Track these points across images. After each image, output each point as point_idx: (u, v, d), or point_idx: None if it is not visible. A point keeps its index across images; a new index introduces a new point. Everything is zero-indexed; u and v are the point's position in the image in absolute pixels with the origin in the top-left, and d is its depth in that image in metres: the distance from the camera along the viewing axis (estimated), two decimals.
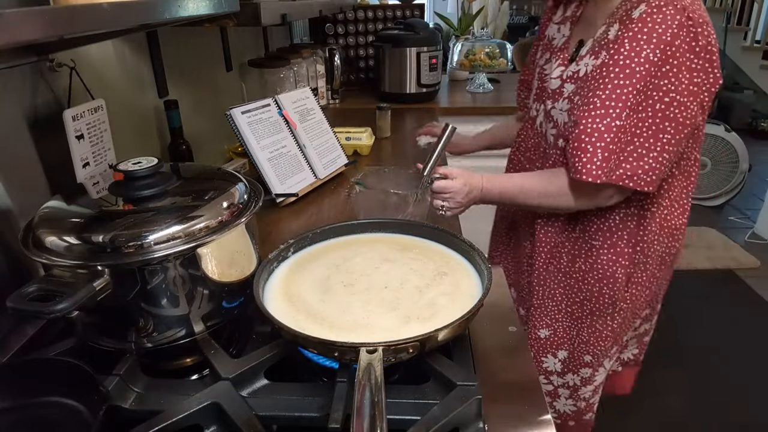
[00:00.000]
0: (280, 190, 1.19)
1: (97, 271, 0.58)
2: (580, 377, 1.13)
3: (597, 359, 1.10)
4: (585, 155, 0.85)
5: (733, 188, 3.53)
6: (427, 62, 2.21)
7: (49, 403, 0.60)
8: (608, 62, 0.85)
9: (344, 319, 0.63)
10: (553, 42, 1.07)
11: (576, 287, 1.06)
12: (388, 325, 0.62)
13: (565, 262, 1.07)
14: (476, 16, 2.77)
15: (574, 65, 0.96)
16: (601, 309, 1.05)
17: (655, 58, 0.81)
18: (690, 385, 2.05)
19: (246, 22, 1.01)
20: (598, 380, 1.14)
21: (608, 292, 1.02)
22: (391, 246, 0.80)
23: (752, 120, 5.08)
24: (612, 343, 1.09)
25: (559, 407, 1.20)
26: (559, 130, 0.98)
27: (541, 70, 1.07)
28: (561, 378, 1.16)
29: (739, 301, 2.60)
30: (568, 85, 0.96)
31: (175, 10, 0.65)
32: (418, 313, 0.64)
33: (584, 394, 1.16)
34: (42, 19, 0.42)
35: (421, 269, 0.73)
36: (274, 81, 1.75)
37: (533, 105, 1.10)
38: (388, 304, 0.66)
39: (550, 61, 1.05)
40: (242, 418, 0.56)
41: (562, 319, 1.10)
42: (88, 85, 0.89)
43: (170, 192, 0.68)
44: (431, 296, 0.67)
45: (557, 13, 1.08)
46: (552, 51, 1.06)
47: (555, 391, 1.18)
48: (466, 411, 0.57)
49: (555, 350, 1.13)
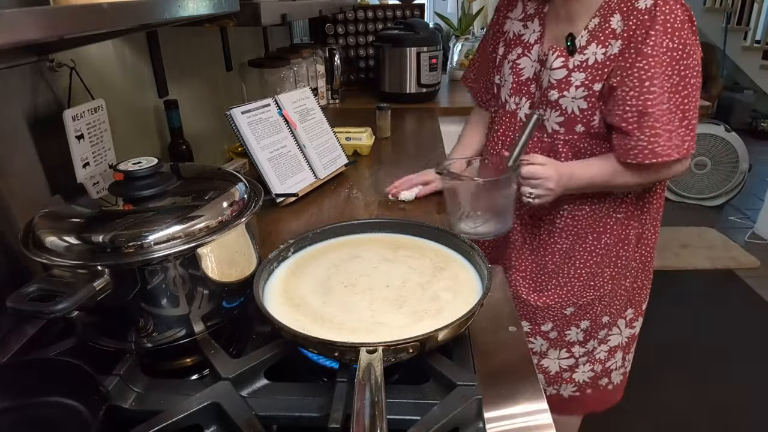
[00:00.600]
0: (280, 190, 1.20)
1: (97, 271, 0.58)
2: (597, 340, 1.22)
3: (613, 318, 1.20)
4: (660, 138, 0.93)
5: (733, 188, 3.53)
6: (427, 62, 2.21)
7: (49, 403, 0.60)
8: (646, 53, 0.91)
9: (350, 319, 0.63)
10: (522, 37, 1.10)
11: (600, 261, 1.13)
12: (400, 323, 0.62)
13: (591, 240, 1.12)
14: (476, 16, 2.77)
15: (579, 56, 0.99)
16: (618, 271, 1.14)
17: (673, 45, 0.91)
18: (690, 385, 2.05)
19: (246, 22, 1.01)
20: (612, 342, 1.23)
21: (624, 254, 1.13)
22: (390, 246, 0.80)
23: (752, 120, 5.08)
24: (626, 302, 1.19)
25: (577, 378, 1.26)
26: (568, 117, 1.03)
27: (514, 65, 1.11)
28: (582, 347, 1.23)
29: (739, 301, 2.60)
30: (577, 74, 0.99)
31: (175, 10, 0.65)
32: (425, 307, 0.65)
33: (599, 355, 1.24)
34: (42, 19, 0.42)
35: (421, 267, 0.73)
36: (274, 81, 1.75)
37: (510, 99, 1.13)
38: (393, 303, 0.66)
39: (525, 56, 1.09)
40: (242, 418, 0.56)
41: (587, 294, 1.16)
42: (88, 85, 0.89)
43: (170, 192, 0.68)
44: (434, 291, 0.68)
45: (515, 11, 1.13)
46: (524, 46, 1.09)
47: (576, 363, 1.25)
48: (466, 411, 0.57)
49: (578, 321, 1.20)
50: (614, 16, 0.96)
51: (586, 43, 0.99)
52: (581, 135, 1.04)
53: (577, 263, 1.14)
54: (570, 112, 1.02)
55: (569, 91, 1.00)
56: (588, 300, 1.16)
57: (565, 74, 1.01)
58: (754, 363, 2.16)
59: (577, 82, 0.99)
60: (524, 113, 1.11)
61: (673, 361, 2.17)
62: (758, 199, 3.60)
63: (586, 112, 1.00)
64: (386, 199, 1.24)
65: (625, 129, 0.95)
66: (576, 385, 1.27)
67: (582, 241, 1.12)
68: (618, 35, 0.95)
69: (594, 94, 0.98)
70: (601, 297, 1.16)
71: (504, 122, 1.16)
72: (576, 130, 1.03)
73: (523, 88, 1.10)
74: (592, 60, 0.98)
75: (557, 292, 1.17)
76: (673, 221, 3.33)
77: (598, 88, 0.98)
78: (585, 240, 1.12)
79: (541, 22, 1.08)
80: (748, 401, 1.96)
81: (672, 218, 3.39)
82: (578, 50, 0.99)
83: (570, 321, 1.19)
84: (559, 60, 1.01)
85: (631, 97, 0.93)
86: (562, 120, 1.04)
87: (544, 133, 1.08)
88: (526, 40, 1.10)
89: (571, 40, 1.00)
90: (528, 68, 1.09)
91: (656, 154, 0.94)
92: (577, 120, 1.02)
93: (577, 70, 0.99)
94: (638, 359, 2.14)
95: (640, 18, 0.92)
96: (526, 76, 1.10)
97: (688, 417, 1.89)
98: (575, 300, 1.17)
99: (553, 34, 1.06)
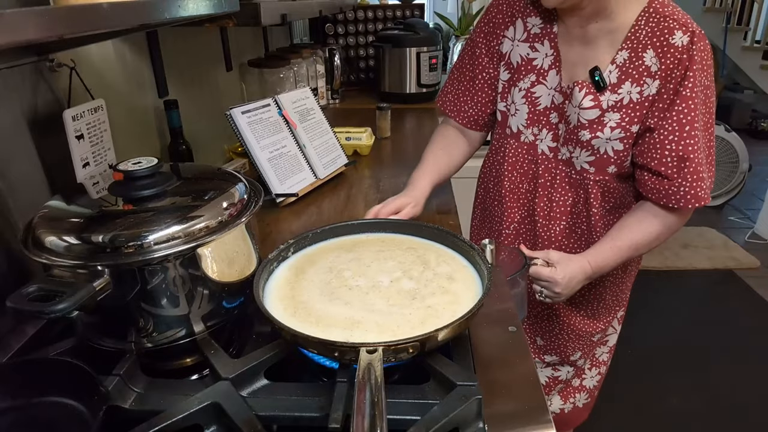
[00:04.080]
0: (280, 190, 1.20)
1: (97, 271, 0.58)
2: (605, 345, 1.25)
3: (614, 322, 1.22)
4: (704, 183, 0.91)
5: (733, 188, 3.53)
6: (427, 62, 2.21)
7: (49, 403, 0.60)
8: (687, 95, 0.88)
9: (350, 319, 0.63)
10: (533, 62, 1.00)
11: (624, 286, 1.15)
12: (400, 323, 0.62)
13: (620, 272, 1.12)
14: (476, 16, 2.77)
15: (611, 94, 0.93)
16: (629, 278, 1.16)
17: (707, 83, 0.89)
18: (690, 385, 2.05)
19: (246, 22, 1.01)
20: (610, 342, 1.26)
21: (635, 262, 1.13)
22: (390, 246, 0.80)
23: (752, 120, 5.08)
24: (622, 304, 1.22)
25: (587, 384, 1.28)
26: (600, 158, 0.97)
27: (528, 93, 1.01)
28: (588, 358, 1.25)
29: (739, 301, 2.60)
30: (611, 114, 0.93)
31: (175, 10, 0.65)
32: (425, 307, 0.65)
33: (601, 357, 1.26)
34: (42, 19, 0.42)
35: (421, 268, 0.73)
36: (274, 81, 1.75)
37: (527, 130, 1.04)
38: (393, 303, 0.66)
39: (541, 83, 1.00)
40: (242, 418, 0.56)
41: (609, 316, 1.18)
42: (88, 85, 0.89)
43: (170, 192, 0.68)
44: (434, 291, 0.68)
45: (515, 31, 1.02)
46: (537, 73, 1.00)
47: (584, 370, 1.27)
48: (466, 411, 0.57)
49: (602, 345, 1.22)
50: (647, 52, 0.89)
51: (618, 81, 0.92)
52: (612, 176, 0.98)
53: (606, 295, 1.15)
54: (603, 152, 0.96)
55: (603, 132, 0.94)
56: (610, 319, 1.19)
57: (598, 114, 0.93)
58: (754, 363, 2.16)
59: (612, 123, 0.93)
60: (546, 146, 1.03)
61: (673, 361, 2.17)
62: (758, 199, 3.60)
63: (621, 154, 0.95)
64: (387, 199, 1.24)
65: (665, 173, 0.91)
66: (587, 391, 1.29)
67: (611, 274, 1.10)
68: (654, 74, 0.89)
69: (632, 136, 0.93)
70: (603, 299, 1.17)
71: (521, 153, 1.07)
72: (608, 170, 0.98)
73: (542, 119, 1.02)
74: (627, 99, 0.92)
75: (587, 322, 1.18)
76: None
77: (636, 130, 0.92)
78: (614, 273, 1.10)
79: (553, 45, 0.98)
80: (748, 401, 1.96)
81: None
82: (609, 88, 0.93)
83: (596, 345, 1.22)
84: (589, 98, 0.93)
85: (671, 141, 0.89)
86: (593, 159, 0.97)
87: (572, 170, 1.02)
88: (538, 66, 1.00)
89: (599, 75, 0.93)
90: (545, 97, 1.00)
91: (699, 198, 0.91)
92: (610, 161, 0.96)
93: (611, 110, 0.93)
94: (638, 359, 2.15)
95: (678, 57, 0.87)
96: (544, 105, 1.01)
97: (688, 417, 1.89)
98: (602, 327, 1.18)
99: (570, 60, 0.97)
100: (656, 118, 0.90)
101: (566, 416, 1.30)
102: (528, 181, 1.08)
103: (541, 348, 1.23)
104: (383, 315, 0.64)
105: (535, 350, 1.24)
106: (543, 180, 1.05)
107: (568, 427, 1.36)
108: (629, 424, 1.87)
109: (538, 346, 1.24)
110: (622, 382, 2.02)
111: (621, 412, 1.91)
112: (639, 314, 2.37)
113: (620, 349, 1.39)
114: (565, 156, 1.02)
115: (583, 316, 1.16)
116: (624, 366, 2.10)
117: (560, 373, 1.25)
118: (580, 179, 1.01)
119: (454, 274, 0.72)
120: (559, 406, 1.29)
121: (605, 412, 1.88)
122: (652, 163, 0.92)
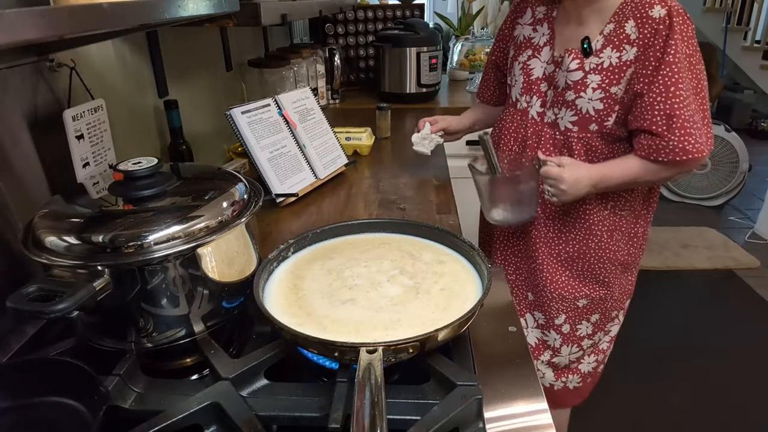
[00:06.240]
0: (280, 190, 1.20)
1: (97, 271, 0.58)
2: (604, 332, 1.29)
3: (618, 313, 1.28)
4: (691, 137, 0.98)
5: (733, 188, 3.53)
6: (427, 62, 2.21)
7: (49, 403, 0.60)
8: (669, 60, 0.97)
9: (349, 319, 0.63)
10: (532, 40, 1.17)
11: (613, 257, 1.19)
12: (399, 323, 0.62)
13: (606, 238, 1.17)
14: (476, 16, 2.77)
15: (594, 58, 1.04)
16: (628, 265, 1.22)
17: (689, 51, 0.99)
18: (690, 384, 2.05)
19: (246, 22, 1.01)
20: (613, 332, 1.31)
21: (633, 251, 1.21)
22: (390, 246, 0.80)
23: (752, 120, 5.08)
24: (628, 295, 1.28)
25: (583, 368, 1.32)
26: (582, 117, 1.08)
27: (525, 66, 1.17)
28: (590, 339, 1.28)
29: (739, 301, 2.60)
30: (593, 76, 1.04)
31: (175, 10, 0.65)
32: (425, 307, 0.65)
33: (602, 345, 1.31)
34: (42, 19, 0.42)
35: (420, 267, 0.73)
36: (274, 81, 1.75)
37: (521, 98, 1.19)
38: (393, 303, 0.66)
39: (535, 57, 1.15)
40: (242, 418, 0.56)
41: (600, 289, 1.22)
42: (88, 85, 0.89)
43: (170, 192, 0.68)
44: (433, 291, 0.68)
45: (525, 16, 1.20)
46: (534, 48, 1.15)
47: (583, 354, 1.30)
48: (466, 411, 0.57)
49: (589, 315, 1.25)
50: (628, 23, 1.01)
51: (602, 47, 1.04)
52: (594, 134, 1.09)
53: (591, 258, 1.19)
54: (585, 112, 1.07)
55: (586, 93, 1.05)
56: (600, 295, 1.22)
57: (582, 76, 1.05)
58: (754, 363, 2.16)
59: (594, 84, 1.04)
60: (536, 111, 1.16)
61: (673, 360, 2.17)
62: (758, 199, 3.60)
63: (601, 113, 1.06)
64: (387, 199, 1.24)
65: (655, 131, 1.00)
66: (581, 375, 1.32)
67: (595, 236, 1.17)
68: (633, 42, 1.00)
69: (610, 96, 1.04)
70: (612, 293, 1.22)
71: (516, 120, 1.21)
72: (590, 128, 1.08)
73: (534, 87, 1.16)
74: (608, 63, 1.03)
75: (571, 283, 1.22)
76: (673, 221, 3.33)
77: (614, 91, 1.03)
78: (598, 235, 1.17)
79: (550, 26, 1.14)
80: (748, 401, 1.96)
81: (672, 218, 3.39)
82: (594, 53, 1.04)
83: (582, 314, 1.24)
84: (575, 62, 1.06)
85: (659, 102, 0.99)
86: (576, 119, 1.09)
87: (556, 131, 1.13)
88: (536, 42, 1.16)
89: (588, 43, 1.05)
90: (538, 68, 1.15)
91: (687, 151, 0.99)
92: (591, 119, 1.07)
93: (593, 72, 1.04)
94: (638, 359, 2.15)
95: (655, 27, 0.97)
96: (536, 75, 1.15)
97: (687, 417, 1.89)
98: (588, 292, 1.22)
99: (564, 36, 1.11)
100: (644, 84, 1.00)
101: (555, 394, 1.33)
102: (518, 143, 1.21)
103: (531, 303, 1.28)
104: (383, 315, 0.64)
105: (526, 306, 1.29)
106: (531, 141, 1.17)
107: (555, 406, 1.38)
108: (629, 423, 1.87)
109: (529, 302, 1.28)
110: (621, 381, 2.02)
111: (621, 412, 1.91)
112: (639, 314, 2.37)
113: (620, 349, 1.39)
114: (550, 119, 1.14)
115: (567, 276, 1.22)
116: (624, 365, 2.10)
117: (548, 339, 1.28)
118: (563, 139, 1.12)
119: (454, 274, 0.72)
120: (550, 380, 1.32)
121: (605, 412, 1.88)
122: (644, 124, 1.01)
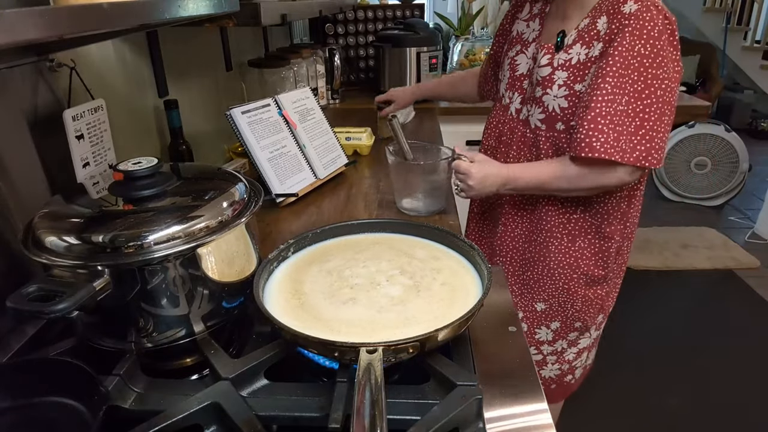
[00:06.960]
0: (280, 190, 1.19)
1: (97, 271, 0.58)
2: (567, 341, 1.23)
3: (585, 325, 1.20)
4: (601, 135, 0.92)
5: (733, 188, 3.53)
6: (427, 62, 2.21)
7: (49, 403, 0.60)
8: (612, 53, 0.92)
9: (350, 318, 0.63)
10: (523, 35, 1.14)
11: (575, 264, 1.13)
12: (400, 323, 0.62)
13: (566, 242, 1.12)
14: (476, 16, 2.77)
15: (563, 54, 1.01)
16: (594, 280, 1.15)
17: (645, 52, 0.91)
18: (690, 385, 2.05)
19: (246, 22, 1.01)
20: (582, 344, 1.24)
21: (602, 264, 1.14)
22: (390, 246, 0.80)
23: (752, 120, 5.08)
24: (599, 310, 1.19)
25: (545, 374, 1.28)
26: (549, 115, 1.04)
27: (512, 61, 1.14)
28: (551, 346, 1.24)
29: (739, 301, 2.60)
30: (560, 73, 1.01)
31: (175, 10, 0.65)
32: (425, 307, 0.65)
33: (568, 357, 1.26)
34: (42, 19, 0.42)
35: (420, 267, 0.73)
36: (274, 81, 1.75)
37: (506, 93, 1.16)
38: (393, 302, 0.66)
39: (522, 53, 1.12)
40: (242, 418, 0.56)
41: (558, 294, 1.17)
42: (88, 85, 0.89)
43: (170, 192, 0.68)
44: (433, 291, 0.68)
45: (523, 12, 1.17)
46: (522, 44, 1.13)
47: (544, 359, 1.26)
48: (466, 411, 0.57)
49: (549, 322, 1.21)
50: (601, 18, 0.97)
51: (573, 43, 1.00)
52: (561, 132, 1.04)
53: (551, 262, 1.14)
54: (551, 109, 1.03)
55: (552, 89, 1.02)
56: (559, 301, 1.17)
57: (549, 72, 1.02)
58: (754, 363, 2.16)
59: (560, 81, 1.01)
60: (515, 108, 1.14)
61: (672, 360, 2.17)
62: (758, 199, 3.60)
63: (566, 111, 1.01)
64: (387, 199, 1.24)
65: (575, 123, 0.96)
66: (542, 379, 1.26)
67: (555, 239, 1.12)
68: (601, 37, 0.96)
69: (575, 94, 0.99)
70: (573, 302, 1.16)
71: (498, 115, 1.20)
72: (556, 127, 1.04)
73: (516, 84, 1.13)
74: (575, 60, 0.99)
75: (530, 285, 1.19)
76: (673, 221, 3.34)
77: (579, 89, 0.99)
78: (558, 238, 1.12)
79: (541, 22, 1.11)
80: (748, 401, 1.96)
81: (672, 218, 3.39)
82: (564, 49, 1.01)
83: (540, 318, 1.20)
84: (546, 57, 1.03)
85: (584, 93, 0.96)
86: (544, 117, 1.05)
87: (527, 129, 1.10)
88: (525, 38, 1.13)
89: (561, 37, 1.02)
90: (523, 64, 1.12)
91: (592, 148, 0.92)
92: (557, 118, 1.03)
93: (561, 69, 1.01)
94: (637, 358, 2.15)
95: (623, 22, 0.92)
96: (521, 71, 1.12)
97: (687, 417, 1.89)
98: (545, 297, 1.17)
99: (549, 32, 1.08)
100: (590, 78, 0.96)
101: None
102: (495, 138, 1.20)
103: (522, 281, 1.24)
104: (383, 314, 0.64)
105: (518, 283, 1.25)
106: (505, 138, 1.16)
107: None
108: (628, 423, 1.87)
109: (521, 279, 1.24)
110: (620, 381, 2.02)
111: (620, 412, 1.91)
112: (638, 314, 2.37)
113: (620, 349, 1.39)
114: (524, 116, 1.11)
115: (528, 276, 1.19)
116: (623, 365, 2.10)
117: None
118: (533, 138, 1.09)
119: (453, 274, 0.72)
120: None
121: (604, 412, 1.88)
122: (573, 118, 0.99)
